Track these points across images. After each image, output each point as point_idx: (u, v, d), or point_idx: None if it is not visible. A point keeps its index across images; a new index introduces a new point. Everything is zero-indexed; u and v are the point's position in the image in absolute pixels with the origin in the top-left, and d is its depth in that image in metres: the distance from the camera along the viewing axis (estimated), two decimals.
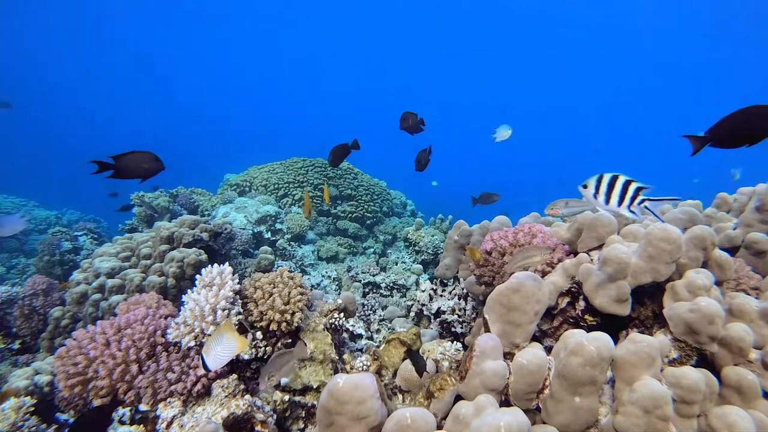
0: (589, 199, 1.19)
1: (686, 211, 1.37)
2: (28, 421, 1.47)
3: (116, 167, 1.36)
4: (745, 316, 1.07)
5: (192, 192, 4.19)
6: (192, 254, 2.30)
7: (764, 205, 1.41)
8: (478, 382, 1.02)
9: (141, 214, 3.42)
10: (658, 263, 1.09)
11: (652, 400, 0.87)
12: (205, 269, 1.51)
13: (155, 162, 1.42)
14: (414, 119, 2.37)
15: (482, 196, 3.09)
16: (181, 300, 1.46)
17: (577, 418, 0.97)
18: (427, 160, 2.50)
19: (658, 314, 1.16)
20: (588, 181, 1.18)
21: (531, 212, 1.92)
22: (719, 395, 0.99)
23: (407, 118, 2.34)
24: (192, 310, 1.36)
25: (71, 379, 1.31)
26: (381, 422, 0.92)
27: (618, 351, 0.97)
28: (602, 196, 1.15)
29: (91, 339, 1.36)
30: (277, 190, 4.31)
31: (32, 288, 2.47)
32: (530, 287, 1.11)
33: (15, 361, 2.20)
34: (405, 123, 2.35)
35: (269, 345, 1.52)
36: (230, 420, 1.23)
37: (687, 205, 1.62)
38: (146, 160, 1.40)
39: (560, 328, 1.29)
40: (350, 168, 4.80)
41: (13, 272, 4.24)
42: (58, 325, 2.24)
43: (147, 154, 1.40)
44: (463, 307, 1.94)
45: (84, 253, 3.85)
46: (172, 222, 2.58)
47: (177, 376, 1.30)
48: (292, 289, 1.56)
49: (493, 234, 1.50)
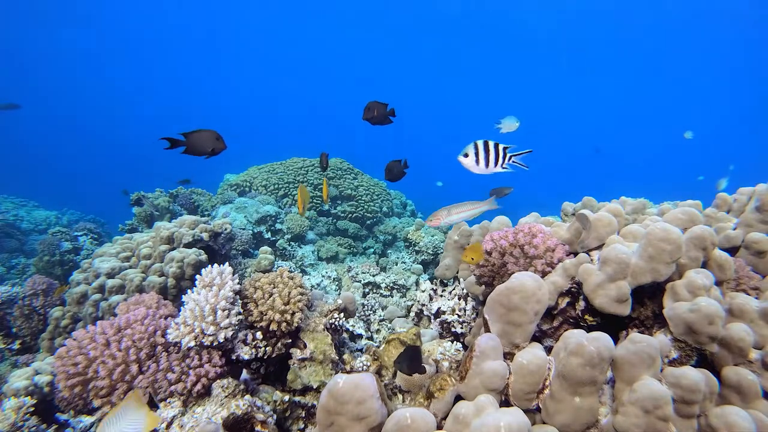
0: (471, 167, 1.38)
1: (686, 211, 1.37)
2: (28, 421, 1.48)
3: (186, 144, 1.38)
4: (745, 316, 1.07)
5: (192, 192, 4.19)
6: (192, 254, 2.30)
7: (764, 205, 1.41)
8: (478, 382, 1.02)
9: (141, 214, 3.42)
10: (658, 263, 1.09)
11: (652, 400, 0.87)
12: (205, 269, 1.50)
13: (218, 141, 1.44)
14: (381, 109, 2.17)
15: (495, 191, 3.03)
16: (181, 300, 1.46)
17: (577, 418, 0.97)
18: (400, 171, 2.23)
19: (658, 314, 1.16)
20: (467, 151, 1.37)
21: (531, 212, 1.92)
22: (719, 395, 0.99)
23: (373, 108, 2.13)
24: (192, 310, 1.36)
25: (71, 379, 1.31)
26: (381, 422, 0.92)
27: (618, 351, 0.97)
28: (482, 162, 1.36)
29: (91, 339, 1.36)
30: (277, 190, 4.31)
31: (32, 288, 2.47)
32: (530, 287, 1.11)
33: (15, 361, 2.20)
34: (369, 113, 2.14)
35: (269, 345, 1.52)
36: (230, 420, 1.23)
37: (687, 205, 1.62)
38: (211, 138, 1.42)
39: (560, 328, 1.29)
40: (350, 168, 4.80)
41: (13, 272, 4.25)
42: (58, 325, 2.24)
43: (212, 133, 1.42)
44: (463, 307, 1.94)
45: (84, 253, 3.85)
46: (172, 222, 2.58)
47: (177, 376, 1.30)
48: (292, 289, 1.56)
49: (493, 234, 1.49)
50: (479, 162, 1.39)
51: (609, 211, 1.39)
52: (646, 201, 1.83)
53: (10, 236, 4.89)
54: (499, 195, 2.97)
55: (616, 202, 1.84)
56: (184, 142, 1.37)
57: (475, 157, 1.39)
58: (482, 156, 1.38)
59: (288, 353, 1.57)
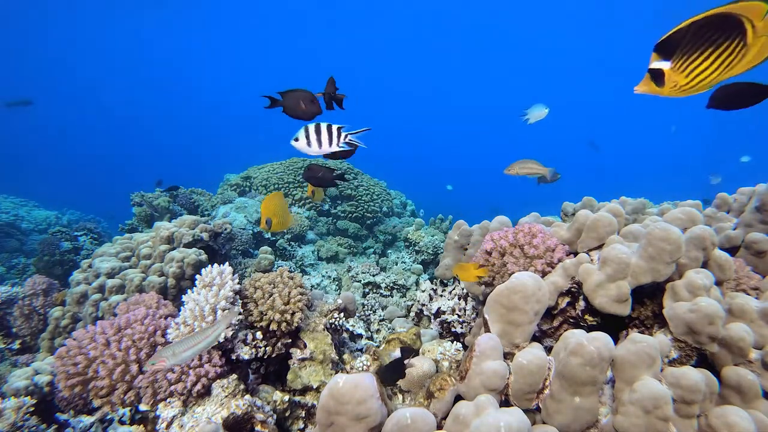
0: (303, 149, 1.38)
1: (686, 211, 1.37)
2: (28, 421, 1.47)
3: (282, 104, 1.32)
4: (745, 316, 1.07)
5: (192, 192, 4.19)
6: (192, 254, 2.30)
7: (764, 205, 1.41)
8: (478, 382, 1.02)
9: (141, 214, 3.42)
10: (658, 263, 1.09)
11: (653, 400, 0.87)
12: (205, 269, 1.50)
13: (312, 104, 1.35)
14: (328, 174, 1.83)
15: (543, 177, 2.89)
16: (181, 300, 1.46)
17: (577, 418, 0.97)
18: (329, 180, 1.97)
19: (658, 314, 1.16)
20: (298, 135, 1.37)
21: (531, 212, 1.92)
22: (719, 395, 0.99)
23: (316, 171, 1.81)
24: (192, 310, 1.37)
25: (71, 379, 1.31)
26: (381, 422, 0.92)
27: (618, 351, 0.97)
28: (315, 144, 1.35)
29: (91, 339, 1.36)
30: (277, 190, 4.31)
31: (32, 288, 2.47)
32: (530, 287, 1.11)
33: (15, 361, 2.20)
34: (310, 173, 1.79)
35: (269, 345, 1.52)
36: (230, 420, 1.23)
37: (687, 205, 1.62)
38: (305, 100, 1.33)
39: (560, 328, 1.29)
40: (350, 168, 4.80)
41: (13, 272, 4.25)
42: (58, 325, 2.24)
43: (306, 94, 1.34)
44: (463, 307, 1.94)
45: (84, 253, 3.85)
46: (172, 222, 2.58)
47: (177, 376, 1.30)
48: (292, 289, 1.56)
49: (493, 234, 1.49)
50: (311, 144, 1.38)
51: (609, 211, 1.39)
52: (646, 201, 1.83)
53: (10, 236, 4.90)
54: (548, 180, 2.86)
55: (616, 202, 1.84)
56: (281, 102, 1.31)
57: (306, 140, 1.38)
58: (314, 138, 1.37)
59: (288, 353, 1.57)
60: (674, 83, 0.99)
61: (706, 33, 0.90)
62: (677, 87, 0.99)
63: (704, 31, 0.90)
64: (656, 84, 1.01)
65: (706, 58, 0.93)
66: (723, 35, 0.89)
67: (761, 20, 0.86)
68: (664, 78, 0.99)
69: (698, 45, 0.92)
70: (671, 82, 0.99)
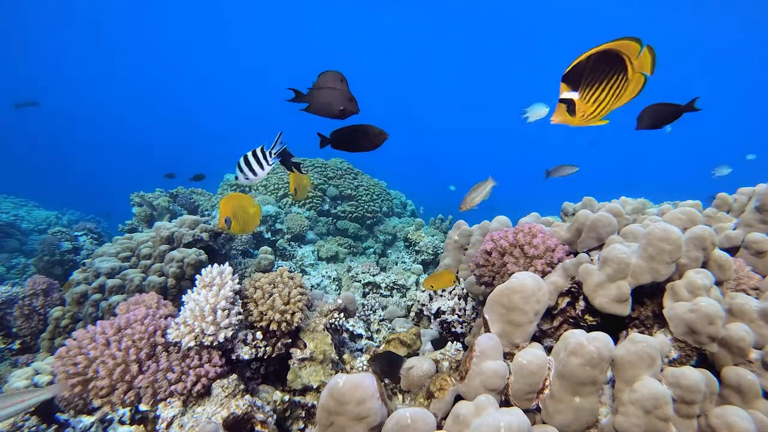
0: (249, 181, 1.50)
1: (686, 211, 1.37)
2: (28, 421, 1.48)
3: (309, 100, 1.15)
4: (745, 316, 1.07)
5: (192, 192, 4.19)
6: (192, 254, 2.30)
7: (764, 205, 1.41)
8: (478, 382, 1.02)
9: (141, 214, 3.42)
10: (658, 263, 1.09)
11: (653, 400, 0.87)
12: (205, 269, 1.50)
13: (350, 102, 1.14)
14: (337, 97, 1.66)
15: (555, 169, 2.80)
16: (181, 300, 1.46)
17: (577, 418, 0.97)
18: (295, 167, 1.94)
19: (658, 314, 1.16)
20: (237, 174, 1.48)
21: (531, 212, 1.92)
22: (719, 395, 0.99)
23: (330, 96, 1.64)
24: (192, 310, 1.36)
25: (71, 379, 1.31)
26: (381, 422, 0.92)
27: (618, 351, 0.97)
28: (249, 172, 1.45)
29: (91, 339, 1.36)
30: (277, 190, 4.31)
31: (32, 288, 2.47)
32: (530, 287, 1.11)
33: (15, 361, 2.20)
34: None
35: (269, 345, 1.52)
36: (230, 420, 1.23)
37: (687, 205, 1.61)
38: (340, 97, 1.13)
39: (560, 328, 1.29)
40: (350, 168, 4.80)
41: (13, 272, 4.25)
42: (58, 325, 2.24)
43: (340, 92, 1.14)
44: (463, 307, 1.94)
45: (84, 253, 3.85)
46: (172, 222, 2.58)
47: (177, 376, 1.30)
48: (292, 289, 1.56)
49: (493, 234, 1.49)
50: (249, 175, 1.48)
51: (609, 211, 1.39)
52: (646, 201, 1.83)
53: (10, 236, 4.90)
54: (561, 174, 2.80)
55: (616, 202, 1.84)
56: (307, 98, 1.13)
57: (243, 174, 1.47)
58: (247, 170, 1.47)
59: (288, 353, 1.57)
60: (583, 112, 1.03)
61: (599, 66, 0.97)
62: (585, 116, 1.03)
63: (597, 64, 0.97)
64: (569, 113, 1.04)
65: (603, 89, 0.99)
66: (611, 69, 0.97)
67: (636, 59, 0.94)
68: (575, 108, 1.03)
69: (596, 77, 0.98)
70: (580, 112, 1.03)
